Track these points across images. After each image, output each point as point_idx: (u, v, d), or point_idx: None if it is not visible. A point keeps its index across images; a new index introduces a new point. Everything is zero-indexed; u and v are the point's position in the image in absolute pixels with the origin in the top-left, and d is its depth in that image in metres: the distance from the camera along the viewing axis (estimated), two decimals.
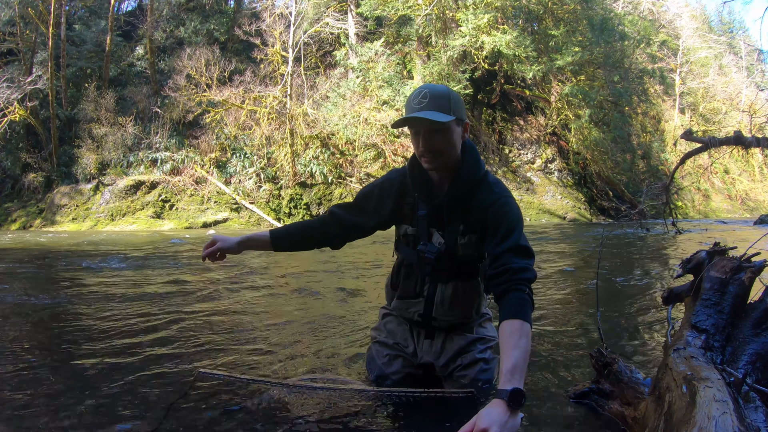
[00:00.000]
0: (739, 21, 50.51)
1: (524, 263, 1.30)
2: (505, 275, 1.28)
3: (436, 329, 1.61)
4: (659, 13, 27.96)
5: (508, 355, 1.13)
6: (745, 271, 1.64)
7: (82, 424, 1.35)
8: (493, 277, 1.31)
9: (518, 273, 1.28)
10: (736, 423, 0.84)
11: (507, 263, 1.29)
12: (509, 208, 1.41)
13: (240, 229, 14.31)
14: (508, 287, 1.26)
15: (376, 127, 16.67)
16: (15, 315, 2.79)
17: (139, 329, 2.44)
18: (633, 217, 12.34)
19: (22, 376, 1.74)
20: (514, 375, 1.10)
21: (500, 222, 1.38)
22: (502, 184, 1.49)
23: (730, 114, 29.41)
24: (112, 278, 4.27)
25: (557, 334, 2.36)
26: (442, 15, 17.97)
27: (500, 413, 1.03)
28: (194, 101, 16.81)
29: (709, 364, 1.17)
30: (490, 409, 1.04)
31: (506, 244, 1.33)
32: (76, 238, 10.22)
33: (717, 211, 26.56)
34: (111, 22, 18.59)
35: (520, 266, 1.29)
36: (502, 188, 1.47)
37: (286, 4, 17.87)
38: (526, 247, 1.34)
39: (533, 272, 1.30)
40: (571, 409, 1.44)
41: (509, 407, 1.04)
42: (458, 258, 1.50)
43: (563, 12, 19.01)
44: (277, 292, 3.64)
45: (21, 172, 16.75)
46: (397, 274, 1.66)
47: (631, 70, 20.03)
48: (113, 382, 1.67)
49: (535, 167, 19.96)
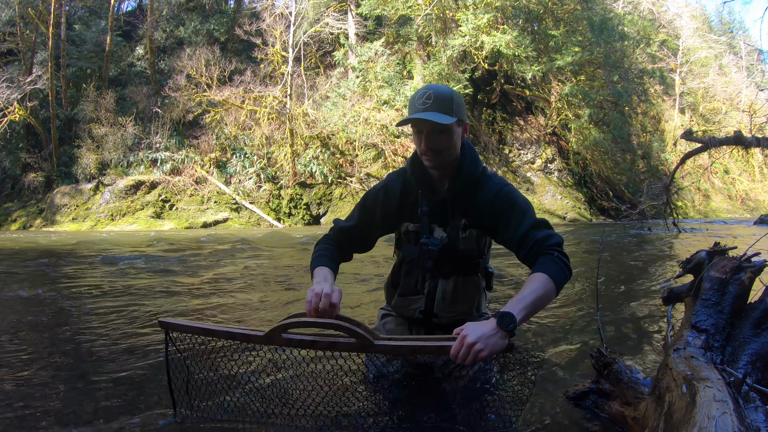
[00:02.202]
0: (739, 21, 50.63)
1: (547, 232, 1.39)
2: (534, 247, 1.38)
3: (436, 327, 1.62)
4: (659, 13, 27.97)
5: (520, 293, 1.24)
6: (745, 271, 1.64)
7: (83, 423, 1.35)
8: (526, 256, 1.41)
9: (545, 241, 1.37)
10: (736, 423, 0.84)
11: (533, 238, 1.39)
12: (514, 194, 1.49)
13: (240, 228, 14.31)
14: (538, 253, 1.36)
15: (376, 127, 16.67)
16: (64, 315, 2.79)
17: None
18: (633, 217, 12.34)
19: (21, 376, 1.74)
20: (515, 304, 1.20)
21: (511, 209, 1.46)
22: (499, 176, 1.57)
23: (730, 114, 29.41)
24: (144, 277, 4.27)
25: (557, 333, 2.36)
26: (442, 15, 17.97)
27: (486, 328, 1.14)
28: (194, 101, 16.83)
29: (709, 364, 1.17)
30: (478, 323, 1.16)
31: (525, 224, 1.41)
32: (81, 238, 10.22)
33: (717, 211, 26.56)
34: (111, 22, 18.60)
35: (545, 235, 1.38)
36: (500, 179, 1.54)
37: (286, 4, 17.89)
38: (544, 220, 1.44)
39: (559, 236, 1.38)
40: (571, 410, 1.44)
41: (498, 326, 1.14)
42: (459, 252, 1.53)
43: (563, 12, 19.02)
44: (276, 294, 3.63)
45: (21, 172, 16.76)
46: (397, 273, 1.67)
47: (631, 70, 20.03)
48: (114, 382, 1.67)
49: (535, 167, 19.96)
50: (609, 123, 18.85)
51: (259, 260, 5.51)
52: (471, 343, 1.13)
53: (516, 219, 1.44)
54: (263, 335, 1.25)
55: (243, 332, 1.27)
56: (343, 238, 1.61)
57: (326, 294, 1.29)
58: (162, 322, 1.32)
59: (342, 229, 1.61)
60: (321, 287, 1.31)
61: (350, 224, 1.62)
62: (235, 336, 1.28)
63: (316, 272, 1.45)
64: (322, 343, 1.25)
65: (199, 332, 1.30)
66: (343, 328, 1.23)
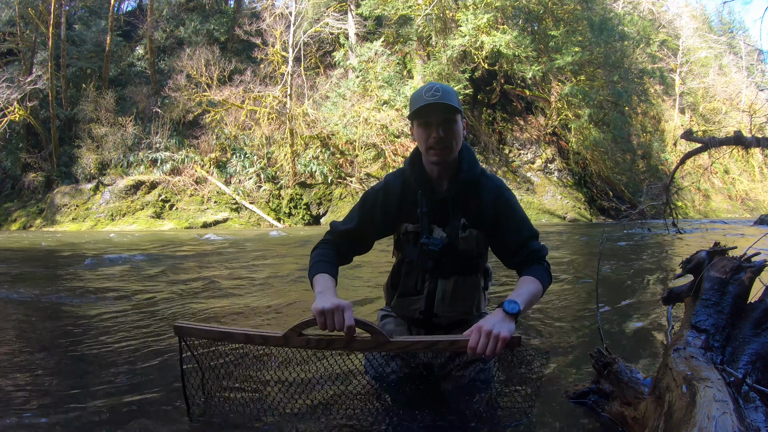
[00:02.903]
0: (739, 21, 50.64)
1: (541, 244, 1.54)
2: (530, 256, 1.51)
3: (436, 327, 1.62)
4: (659, 13, 27.97)
5: (517, 290, 1.36)
6: (745, 271, 1.64)
7: (84, 423, 1.35)
8: (519, 261, 1.52)
9: (540, 252, 1.52)
10: (736, 423, 0.84)
11: (531, 248, 1.52)
12: (513, 200, 1.57)
13: (240, 228, 14.31)
14: (532, 261, 1.51)
15: (376, 127, 16.68)
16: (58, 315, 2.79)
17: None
18: (633, 217, 12.34)
19: (22, 376, 1.74)
20: (516, 296, 1.30)
21: (512, 214, 1.55)
22: (497, 176, 1.62)
23: (730, 114, 29.42)
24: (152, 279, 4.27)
25: (557, 333, 2.36)
26: (442, 15, 17.98)
27: (495, 317, 1.23)
28: (194, 101, 16.84)
29: (709, 364, 1.17)
30: (488, 316, 1.24)
31: (525, 233, 1.53)
32: (81, 238, 10.22)
33: (717, 211, 26.56)
34: (111, 22, 18.60)
35: (539, 247, 1.53)
36: (499, 180, 1.59)
37: (286, 4, 17.89)
38: (537, 231, 1.57)
39: (546, 249, 1.55)
40: (571, 410, 1.44)
41: (504, 312, 1.24)
42: (459, 252, 1.53)
43: (563, 12, 19.02)
44: (278, 293, 3.63)
45: (21, 172, 16.77)
46: (397, 273, 1.66)
47: (631, 70, 20.03)
48: (114, 382, 1.67)
49: (535, 167, 19.96)
50: (609, 123, 18.86)
51: (260, 260, 5.51)
52: (489, 329, 1.18)
53: (516, 226, 1.53)
54: (281, 336, 1.25)
55: (261, 334, 1.27)
56: (342, 240, 1.59)
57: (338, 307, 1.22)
58: (177, 327, 1.28)
59: (341, 232, 1.60)
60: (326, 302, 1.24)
61: (349, 226, 1.60)
62: (254, 339, 1.27)
63: (317, 280, 1.40)
64: (339, 342, 1.25)
65: (216, 336, 1.29)
66: (360, 323, 1.23)
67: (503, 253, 1.56)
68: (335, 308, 1.22)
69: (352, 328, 1.22)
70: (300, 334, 1.25)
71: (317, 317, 1.23)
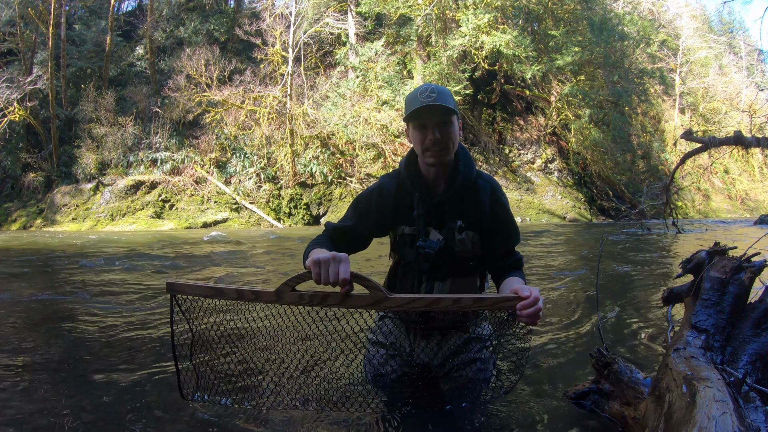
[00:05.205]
0: (739, 21, 50.56)
1: (521, 255, 1.63)
2: (515, 264, 1.59)
3: (433, 329, 1.61)
4: (659, 13, 27.97)
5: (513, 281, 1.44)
6: (745, 271, 1.64)
7: (84, 423, 1.35)
8: (503, 267, 1.58)
9: (521, 261, 1.61)
10: (736, 423, 0.84)
11: (516, 256, 1.60)
12: (507, 202, 1.60)
13: (240, 229, 14.30)
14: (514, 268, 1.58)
15: (376, 127, 16.67)
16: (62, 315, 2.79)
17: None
18: (633, 217, 12.34)
19: (22, 376, 1.74)
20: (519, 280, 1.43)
21: (506, 220, 1.59)
22: (492, 177, 1.63)
23: (730, 114, 29.40)
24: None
25: (557, 333, 2.36)
26: (442, 15, 17.98)
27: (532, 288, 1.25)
28: (194, 101, 16.82)
29: (709, 364, 1.17)
30: (524, 286, 1.26)
31: (514, 239, 1.61)
32: (81, 238, 10.22)
33: (717, 211, 26.55)
34: (111, 22, 18.59)
35: (521, 256, 1.62)
36: (494, 182, 1.61)
37: (286, 4, 17.88)
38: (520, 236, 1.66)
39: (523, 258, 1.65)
40: (571, 409, 1.44)
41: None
42: (455, 255, 1.53)
43: (563, 12, 19.02)
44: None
45: (21, 172, 16.76)
46: (393, 275, 1.66)
47: (631, 70, 20.03)
48: (115, 382, 1.66)
49: (535, 167, 19.96)
50: (609, 123, 18.85)
51: (260, 260, 5.51)
52: (537, 297, 1.20)
53: (509, 232, 1.59)
54: (273, 292, 1.22)
55: (253, 290, 1.24)
56: (338, 236, 1.59)
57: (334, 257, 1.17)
58: (169, 284, 1.27)
59: (337, 228, 1.59)
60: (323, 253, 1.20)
61: (345, 224, 1.60)
62: (245, 295, 1.24)
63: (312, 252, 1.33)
64: (334, 298, 1.20)
65: (208, 293, 1.27)
66: (357, 276, 1.19)
67: (490, 255, 1.59)
68: (332, 258, 1.17)
69: (347, 281, 1.16)
70: (293, 289, 1.21)
71: (312, 268, 1.17)
